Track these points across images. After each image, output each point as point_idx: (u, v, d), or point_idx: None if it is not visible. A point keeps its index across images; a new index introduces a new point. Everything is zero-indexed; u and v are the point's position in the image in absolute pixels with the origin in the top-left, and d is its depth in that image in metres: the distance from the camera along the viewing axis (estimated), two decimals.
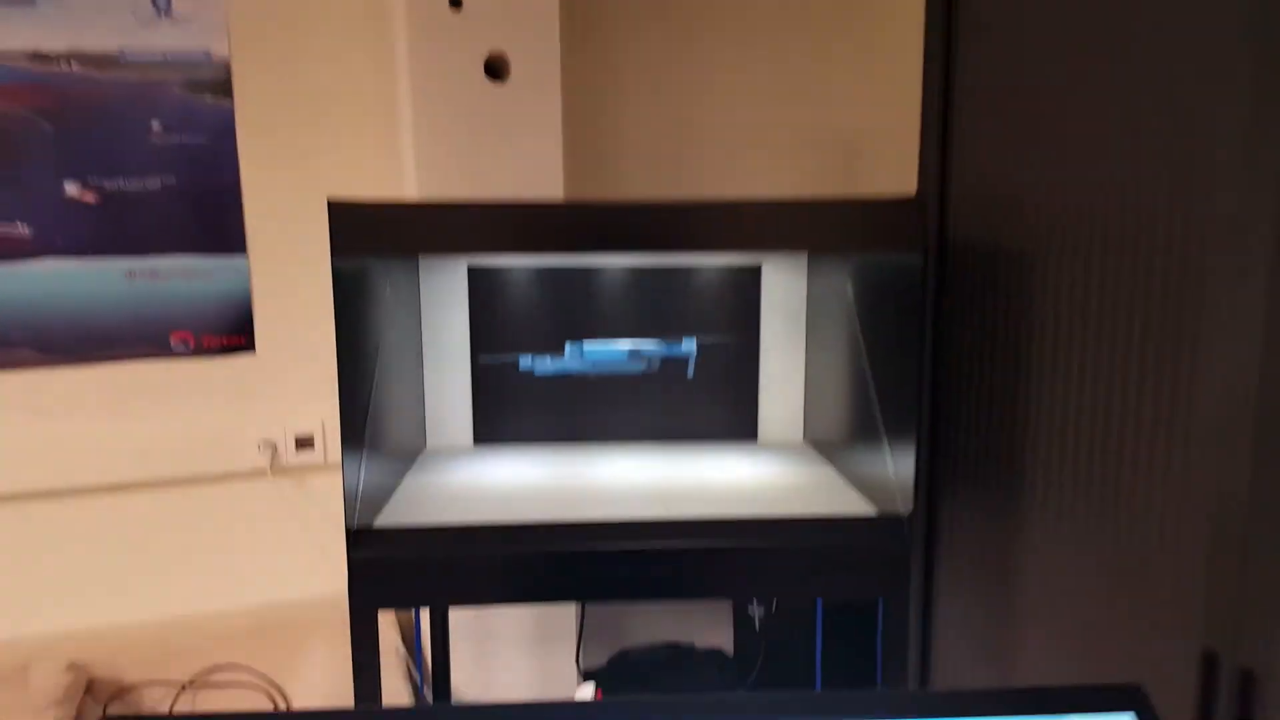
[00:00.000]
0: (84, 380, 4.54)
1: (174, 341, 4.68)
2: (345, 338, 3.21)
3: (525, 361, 6.67)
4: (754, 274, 6.83)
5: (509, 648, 5.45)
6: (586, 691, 4.39)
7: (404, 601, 3.50)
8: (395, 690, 4.49)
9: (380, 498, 3.73)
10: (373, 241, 3.30)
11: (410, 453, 5.08)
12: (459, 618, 4.93)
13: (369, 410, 3.51)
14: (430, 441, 6.25)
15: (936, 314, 4.29)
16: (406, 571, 3.35)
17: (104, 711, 4.06)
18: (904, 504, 3.37)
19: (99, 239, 4.46)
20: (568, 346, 6.87)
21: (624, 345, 6.80)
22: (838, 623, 5.25)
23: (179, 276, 4.67)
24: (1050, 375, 3.55)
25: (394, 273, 4.39)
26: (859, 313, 4.16)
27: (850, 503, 3.81)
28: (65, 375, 4.51)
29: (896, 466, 3.44)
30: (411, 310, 5.38)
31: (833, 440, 5.27)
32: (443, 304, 6.32)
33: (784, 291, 6.67)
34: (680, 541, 3.43)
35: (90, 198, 4.38)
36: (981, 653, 4.14)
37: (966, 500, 4.23)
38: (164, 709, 4.16)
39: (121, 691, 4.31)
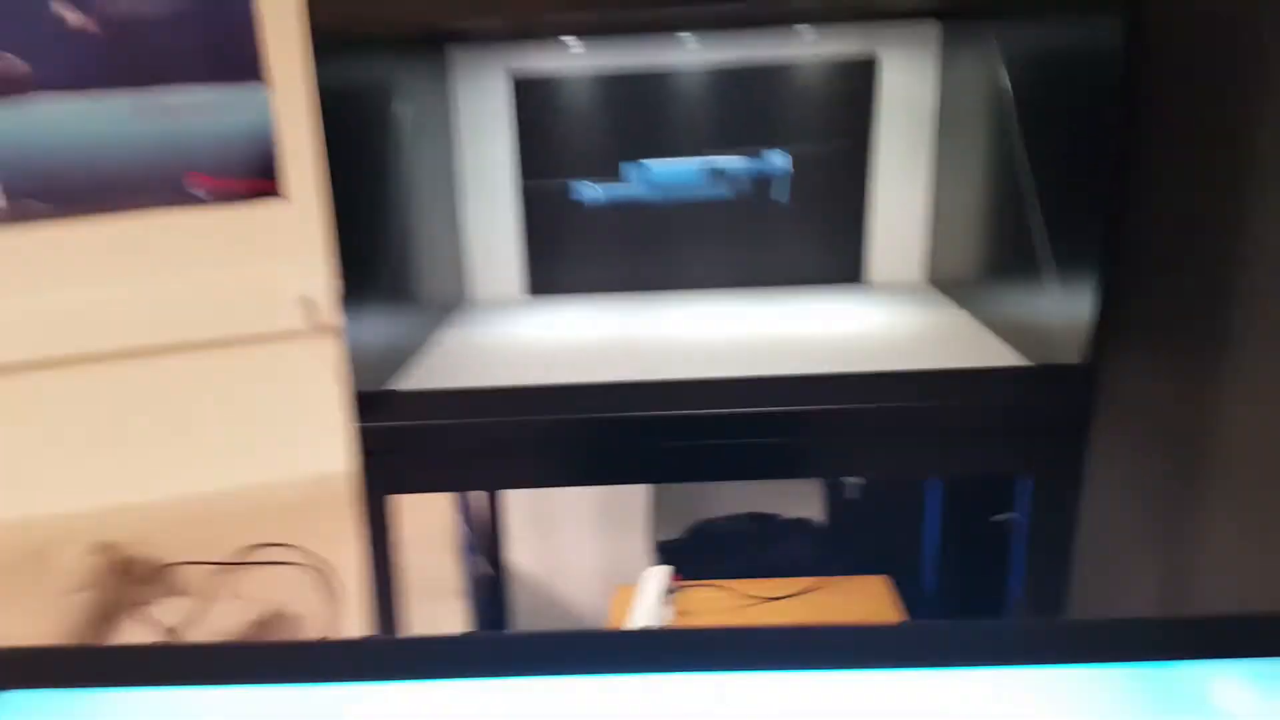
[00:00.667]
0: (95, 234, 4.31)
1: (191, 186, 4.39)
2: (342, 162, 2.87)
3: (585, 191, 5.90)
4: (866, 69, 5.83)
5: (573, 522, 5.14)
6: (659, 575, 4.00)
7: (428, 484, 3.20)
8: (451, 575, 4.38)
9: (400, 359, 3.45)
10: (373, 14, 3.06)
11: (446, 305, 4.82)
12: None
13: (387, 253, 3.31)
14: (472, 292, 5.66)
15: (1130, 106, 3.36)
16: (430, 445, 2.94)
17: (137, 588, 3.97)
18: (1074, 352, 2.79)
19: (101, 71, 4.15)
20: (628, 169, 6.06)
21: (697, 163, 5.98)
22: (954, 494, 4.75)
23: (192, 112, 4.32)
24: None
25: (418, 82, 4.11)
26: (1018, 108, 3.62)
27: (994, 353, 3.33)
28: (75, 230, 4.28)
29: (1064, 307, 2.92)
30: (441, 131, 5.04)
31: (966, 280, 4.80)
32: (482, 123, 5.69)
33: (907, 90, 5.72)
34: (770, 405, 2.90)
35: (90, 25, 4.04)
36: (1148, 555, 3.51)
37: (1145, 357, 3.59)
38: (205, 592, 4.05)
39: (157, 571, 4.15)
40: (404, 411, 2.87)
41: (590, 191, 5.87)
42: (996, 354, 3.28)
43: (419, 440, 2.86)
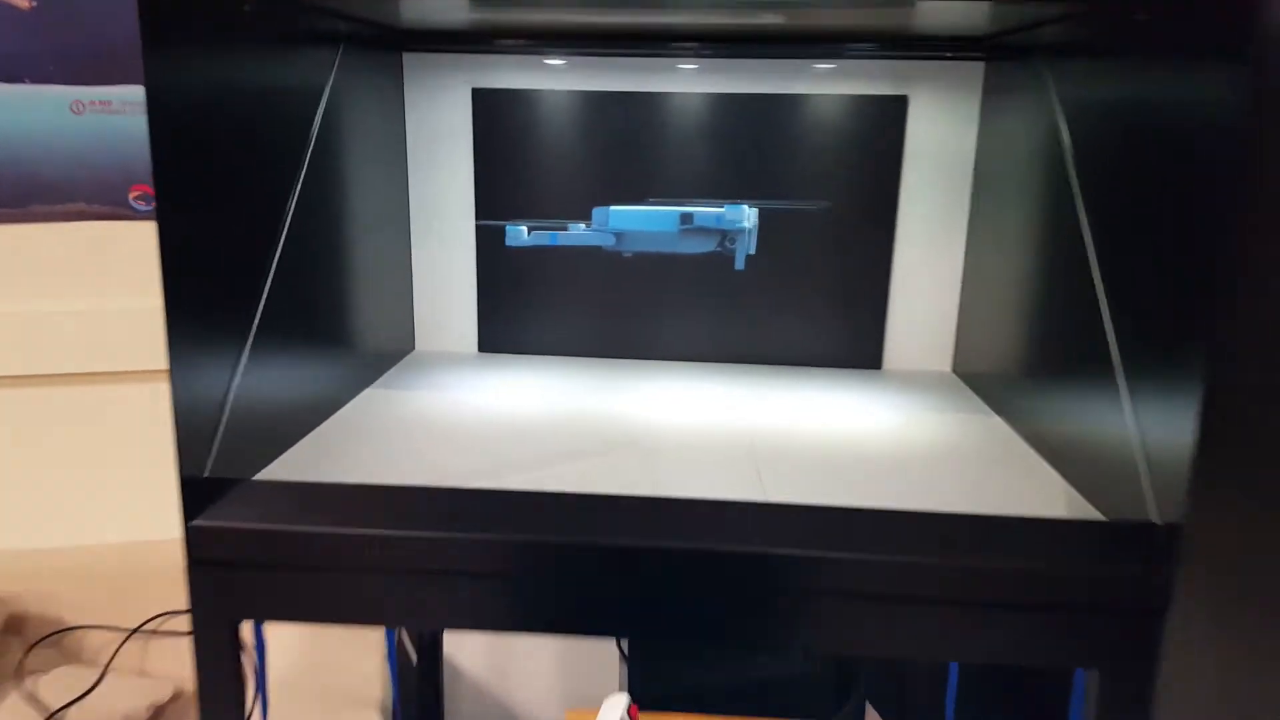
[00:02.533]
0: (18, 243, 3.93)
1: (133, 197, 4.04)
2: (217, 173, 2.59)
3: (554, 236, 5.33)
4: (895, 106, 5.17)
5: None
6: (617, 708, 3.57)
7: (285, 612, 2.37)
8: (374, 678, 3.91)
9: (294, 429, 3.02)
10: None
11: (383, 358, 4.58)
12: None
13: (294, 291, 3.00)
14: (422, 344, 5.34)
15: (1245, 180, 2.62)
16: (289, 558, 2.24)
17: (25, 653, 3.49)
18: (1160, 506, 2.21)
19: (35, 58, 3.75)
20: (604, 213, 5.38)
21: (684, 212, 5.31)
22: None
23: (137, 110, 3.86)
24: None
25: (359, 91, 3.96)
26: (1081, 169, 3.25)
27: (1040, 489, 2.75)
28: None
29: (1137, 433, 2.38)
30: (390, 153, 4.84)
31: (1002, 376, 4.40)
32: (437, 147, 5.24)
33: (942, 137, 5.15)
34: (735, 543, 2.23)
35: (23, 1, 3.64)
36: None
37: (1246, 511, 2.71)
38: (105, 663, 3.55)
39: (54, 633, 3.67)
40: (254, 510, 2.28)
41: (561, 237, 5.41)
42: (1043, 491, 2.91)
43: (275, 550, 2.25)
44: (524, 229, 5.39)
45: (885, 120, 5.32)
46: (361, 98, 4.33)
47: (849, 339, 5.52)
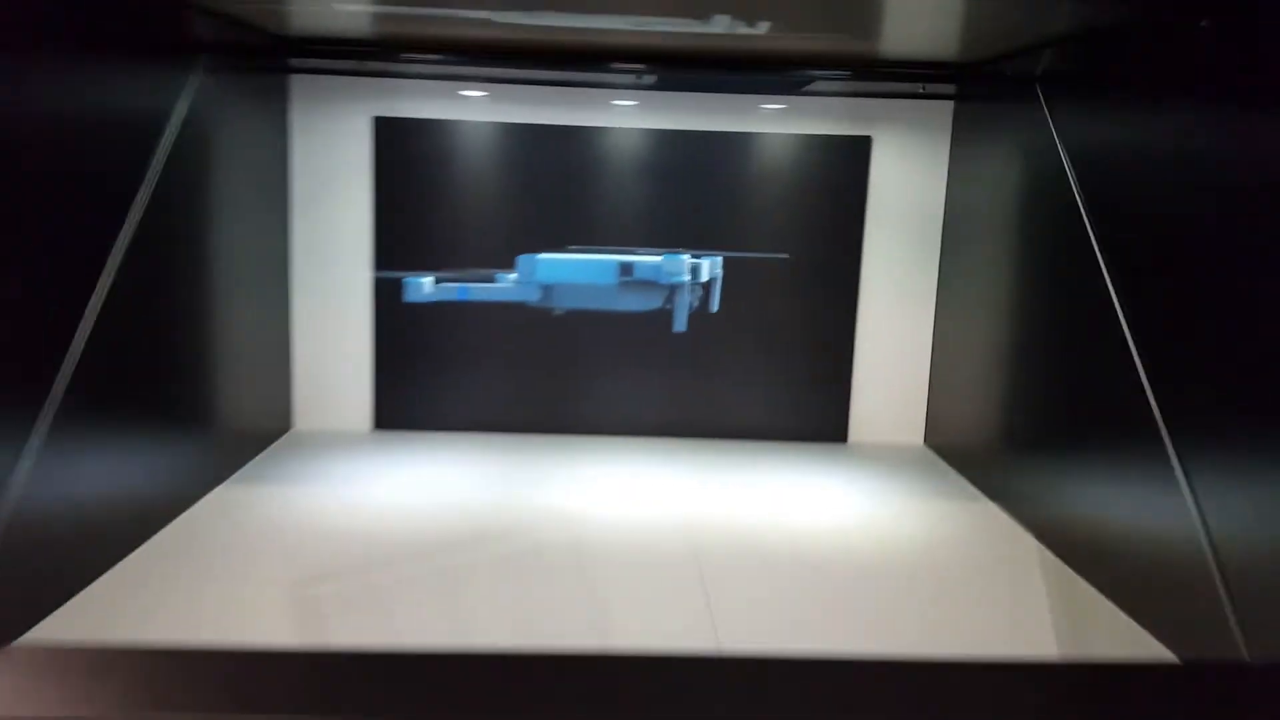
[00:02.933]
0: None
1: None
2: None
3: (464, 291, 4.65)
4: (858, 147, 4.82)
5: None
6: None
7: None
8: None
9: (109, 550, 2.55)
10: None
11: (249, 441, 4.23)
12: None
13: (80, 353, 2.38)
14: (303, 422, 4.79)
15: None
16: None
17: None
18: (1250, 638, 1.88)
19: None
20: (520, 264, 4.69)
21: (619, 262, 4.61)
22: None
23: None
24: None
25: (233, 117, 3.89)
26: (1096, 217, 3.09)
27: (1083, 613, 2.43)
28: None
29: (1212, 534, 2.05)
30: (273, 185, 4.45)
31: (992, 450, 4.05)
32: (328, 181, 4.67)
33: (909, 179, 4.83)
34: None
35: None
36: None
37: None
38: None
39: None
40: None
41: (474, 290, 4.91)
42: (1081, 611, 2.56)
43: None
44: (428, 281, 4.82)
45: (848, 163, 4.94)
46: (232, 124, 3.91)
47: (812, 409, 5.08)
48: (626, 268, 4.77)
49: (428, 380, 4.92)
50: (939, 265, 5.08)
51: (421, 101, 4.83)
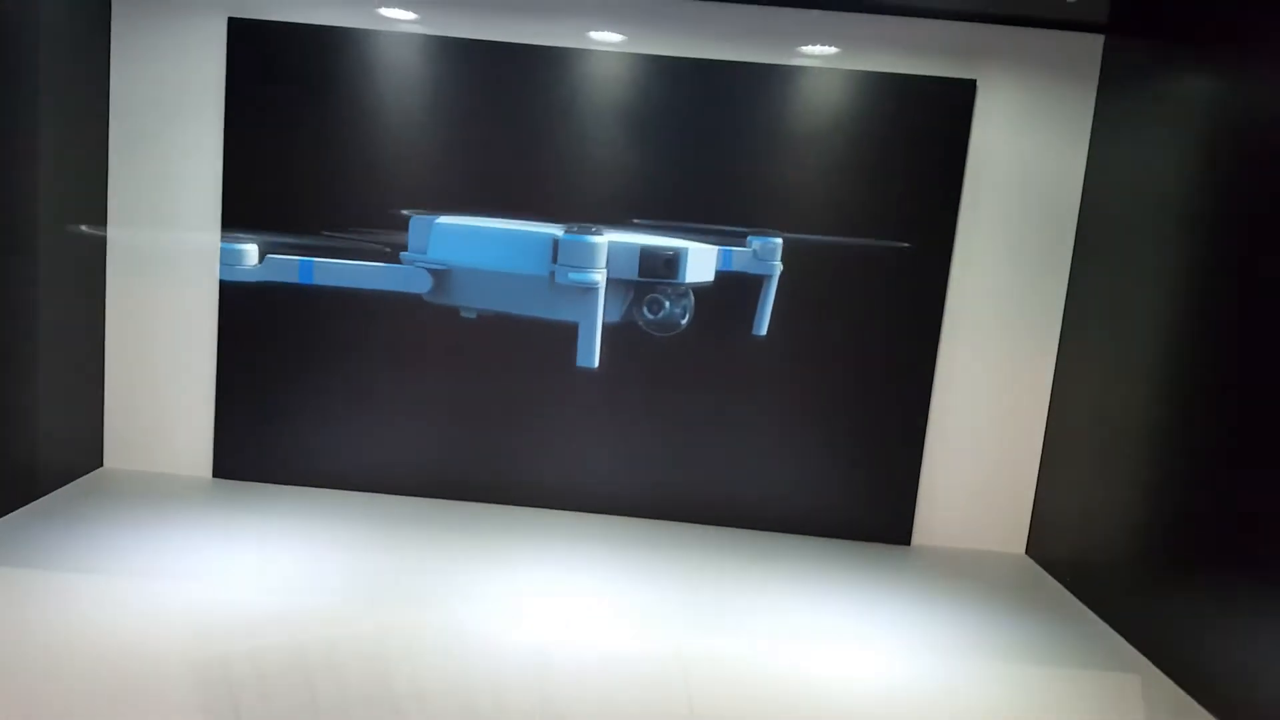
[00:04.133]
0: None
1: None
2: None
3: (303, 263, 3.52)
4: (954, 97, 3.42)
5: None
6: None
7: None
8: None
9: None
10: None
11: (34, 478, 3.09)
12: None
13: None
14: (116, 459, 3.60)
15: None
16: None
17: None
18: None
19: None
20: (413, 229, 3.45)
21: (541, 236, 3.36)
22: None
23: None
24: None
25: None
26: None
27: None
28: None
29: None
30: (87, 112, 3.42)
31: (1139, 572, 2.82)
32: (163, 111, 3.57)
33: (1026, 150, 3.47)
34: None
35: None
36: None
37: None
38: None
39: None
40: None
41: (325, 269, 3.51)
42: None
43: None
44: (251, 250, 3.44)
45: (937, 118, 3.48)
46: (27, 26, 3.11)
47: (861, 495, 3.64)
48: (568, 250, 3.25)
49: (296, 413, 3.57)
50: (1067, 285, 3.48)
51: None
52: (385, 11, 3.39)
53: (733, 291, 3.53)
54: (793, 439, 3.63)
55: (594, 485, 3.71)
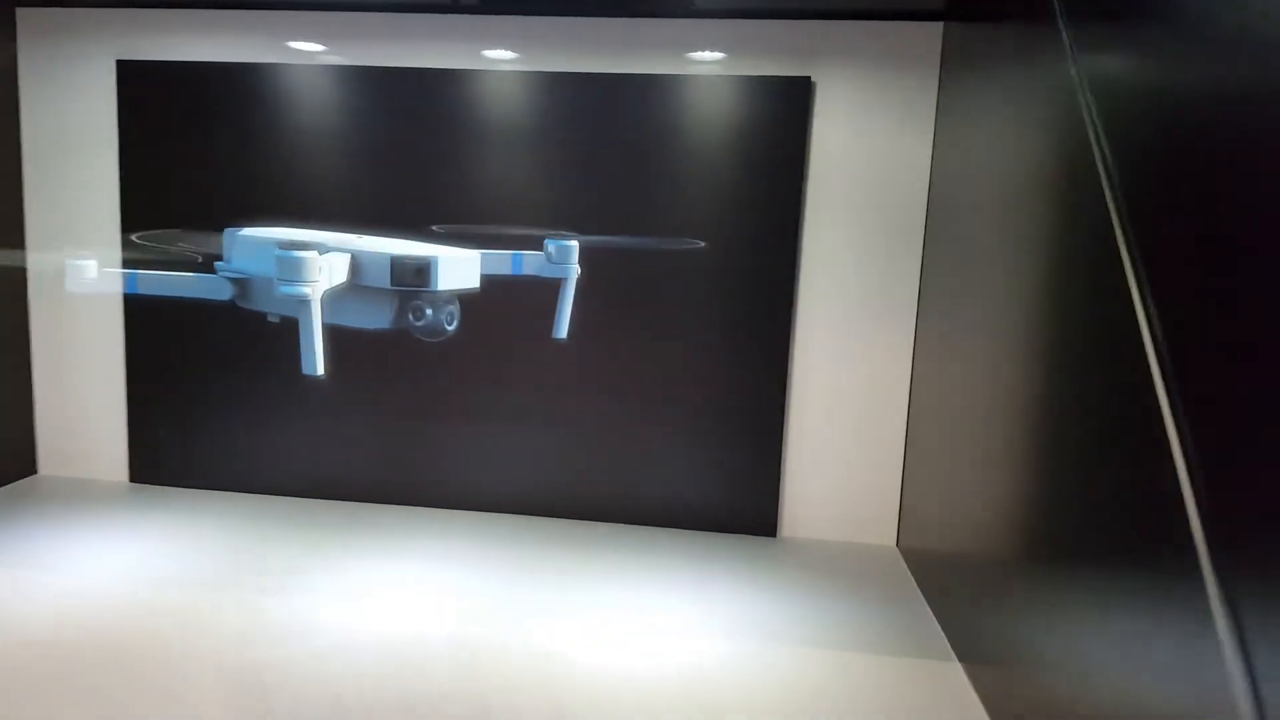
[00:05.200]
0: None
1: None
2: None
3: (128, 280, 3.77)
4: (791, 95, 3.44)
5: None
6: None
7: None
8: None
9: None
10: None
11: None
12: None
13: None
14: (46, 466, 3.85)
15: None
16: None
17: None
18: None
19: None
20: (225, 240, 3.65)
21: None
22: None
23: None
24: None
25: None
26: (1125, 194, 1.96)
27: None
28: None
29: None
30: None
31: (982, 567, 2.65)
32: (69, 145, 3.87)
33: (867, 142, 3.46)
34: None
35: None
36: None
37: None
38: None
39: None
40: None
41: (148, 280, 3.76)
42: None
43: None
44: (91, 265, 3.70)
45: (774, 116, 3.53)
46: None
47: (724, 487, 3.67)
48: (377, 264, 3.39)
49: (208, 418, 3.79)
50: (920, 274, 3.43)
51: (175, 39, 3.68)
52: (294, 43, 3.68)
53: (622, 292, 3.58)
54: (661, 436, 3.65)
55: (477, 485, 3.81)
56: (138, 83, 3.75)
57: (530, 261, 3.55)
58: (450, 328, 3.52)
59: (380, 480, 3.87)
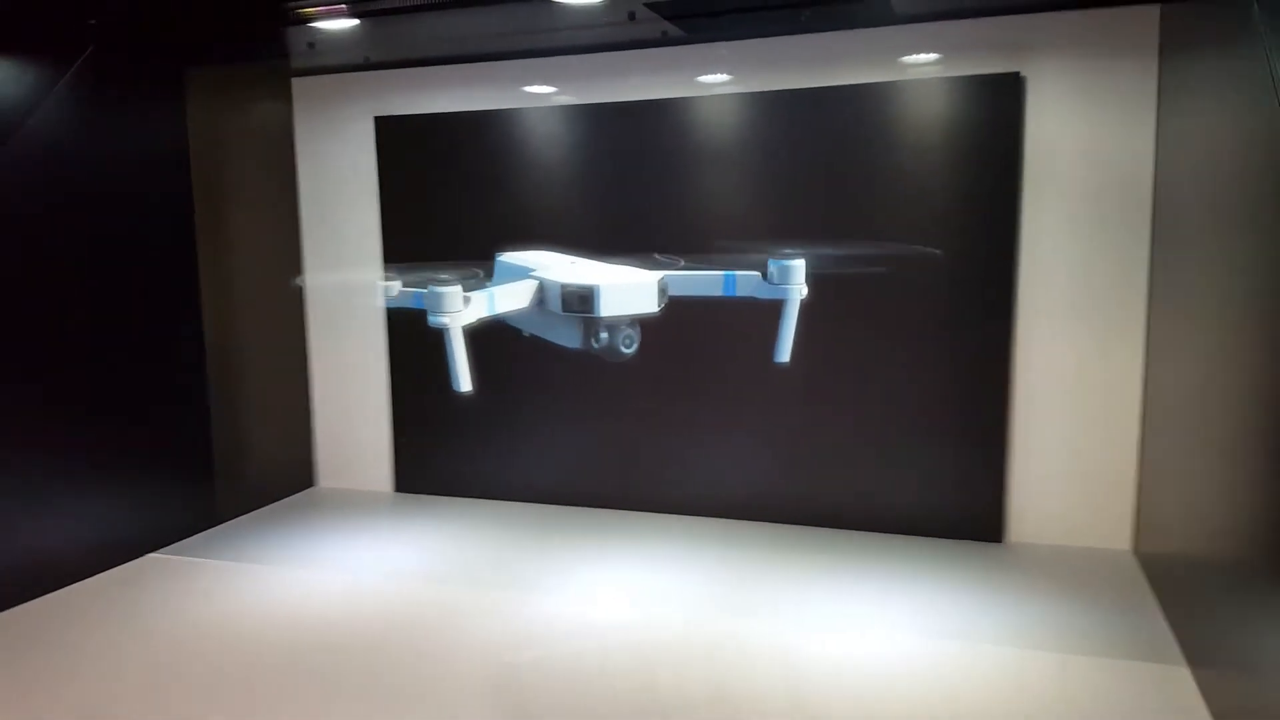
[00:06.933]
0: None
1: None
2: None
3: (414, 297, 3.83)
4: (1000, 92, 3.43)
5: None
6: None
7: None
8: None
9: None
10: None
11: (251, 496, 4.02)
12: None
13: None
14: (325, 479, 4.35)
15: None
16: None
17: None
18: None
19: None
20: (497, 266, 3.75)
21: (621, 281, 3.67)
22: None
23: None
24: None
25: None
26: None
27: None
28: None
29: None
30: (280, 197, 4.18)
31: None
32: (336, 190, 4.34)
33: (1085, 135, 3.37)
34: None
35: None
36: None
37: None
38: None
39: None
40: None
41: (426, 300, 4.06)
42: None
43: None
44: (395, 285, 3.99)
45: (985, 115, 3.50)
46: (237, 133, 3.92)
47: (949, 492, 3.66)
48: (570, 294, 3.57)
49: (461, 435, 4.20)
50: (1149, 267, 3.31)
51: (425, 94, 4.15)
52: (530, 88, 4.15)
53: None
54: (873, 443, 3.72)
55: (713, 491, 4.00)
56: (392, 134, 4.26)
57: (745, 282, 3.65)
58: (627, 351, 3.71)
59: (617, 485, 4.12)
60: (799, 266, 3.50)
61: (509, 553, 3.67)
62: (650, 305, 3.62)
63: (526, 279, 3.70)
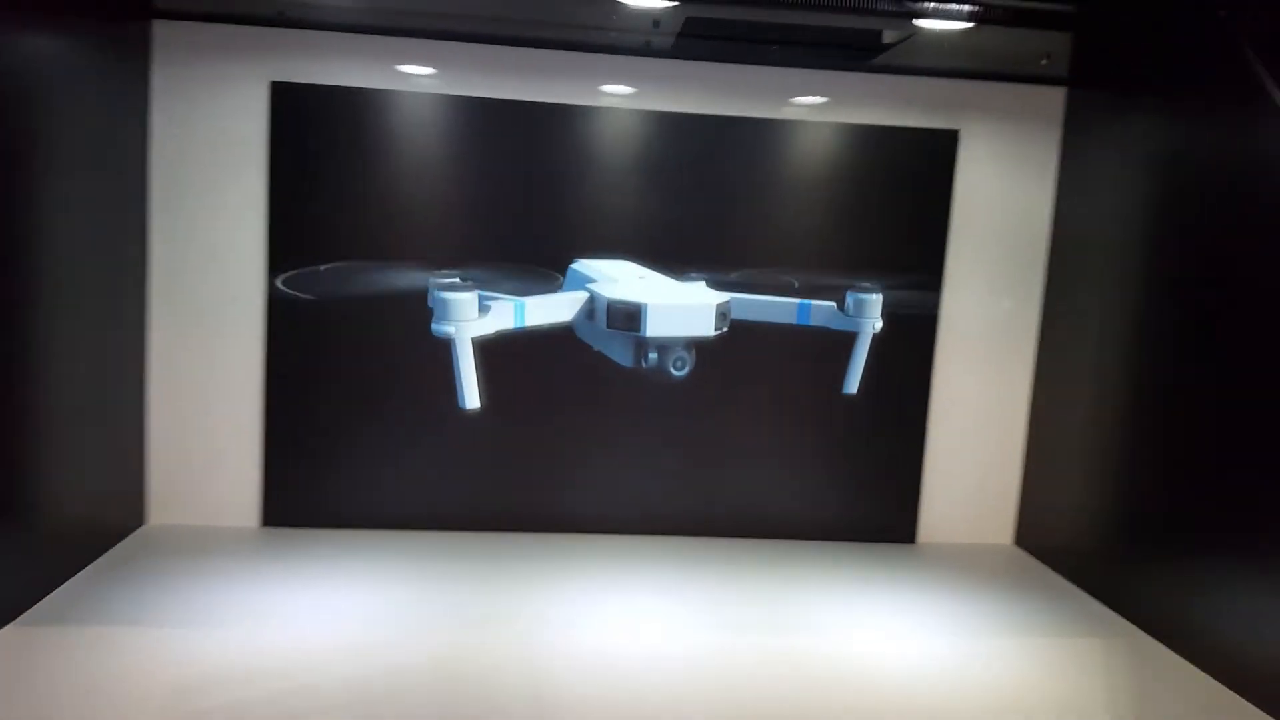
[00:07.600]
0: None
1: None
2: None
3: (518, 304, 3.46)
4: (940, 146, 3.87)
5: None
6: None
7: None
8: None
9: None
10: None
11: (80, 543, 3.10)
12: None
13: None
14: (158, 514, 3.63)
15: None
16: None
17: None
18: None
19: None
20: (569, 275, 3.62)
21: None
22: None
23: None
24: None
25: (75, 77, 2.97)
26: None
27: None
28: None
29: None
30: (122, 171, 3.50)
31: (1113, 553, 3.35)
32: (206, 169, 3.75)
33: (1004, 190, 3.96)
34: None
35: None
36: None
37: None
38: None
39: None
40: None
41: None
42: None
43: None
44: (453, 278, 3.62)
45: (926, 165, 3.88)
46: (69, 85, 3.16)
47: (873, 500, 4.00)
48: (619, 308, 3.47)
49: (342, 456, 3.70)
50: (1042, 303, 3.95)
51: (334, 63, 3.61)
52: (404, 67, 3.69)
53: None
54: (804, 456, 3.95)
55: (621, 509, 3.94)
56: (291, 107, 3.62)
57: (819, 313, 3.69)
58: (678, 373, 3.56)
59: (511, 509, 3.89)
60: (876, 300, 3.62)
61: (442, 586, 3.27)
62: (705, 329, 3.51)
63: (577, 291, 3.46)
